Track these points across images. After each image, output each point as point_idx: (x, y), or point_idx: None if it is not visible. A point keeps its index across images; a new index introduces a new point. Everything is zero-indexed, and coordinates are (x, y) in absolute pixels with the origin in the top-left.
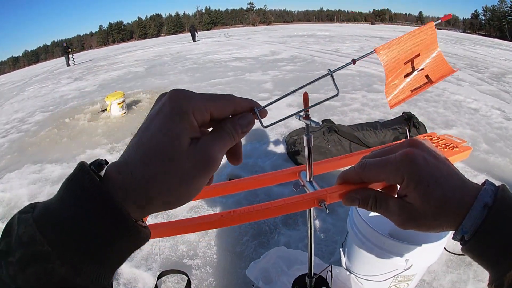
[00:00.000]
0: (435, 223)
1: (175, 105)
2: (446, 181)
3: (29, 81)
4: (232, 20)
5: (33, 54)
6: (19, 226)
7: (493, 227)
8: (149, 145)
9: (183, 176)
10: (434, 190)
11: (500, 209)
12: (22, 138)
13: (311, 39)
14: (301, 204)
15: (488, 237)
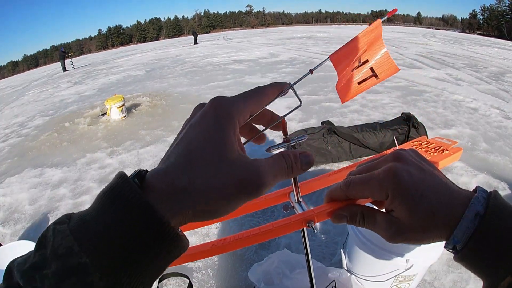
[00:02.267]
0: (424, 235)
1: (220, 112)
2: (433, 193)
3: (29, 85)
4: (231, 23)
5: (33, 58)
6: (55, 237)
7: (486, 236)
8: (194, 154)
9: (227, 190)
10: (420, 203)
11: (492, 217)
12: (22, 143)
13: (309, 41)
14: (289, 226)
15: (480, 246)
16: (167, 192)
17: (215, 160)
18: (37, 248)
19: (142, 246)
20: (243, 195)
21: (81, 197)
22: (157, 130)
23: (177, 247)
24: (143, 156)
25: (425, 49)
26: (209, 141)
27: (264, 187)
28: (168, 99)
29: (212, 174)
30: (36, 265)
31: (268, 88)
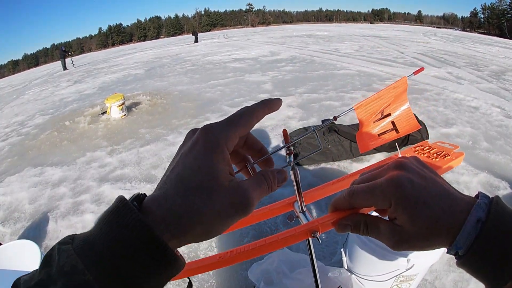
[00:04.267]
0: (427, 243)
1: (209, 141)
2: (435, 201)
3: (29, 84)
4: (231, 21)
5: (33, 57)
6: (60, 256)
7: (488, 242)
8: (189, 181)
9: (220, 213)
10: (423, 211)
11: (494, 223)
12: (23, 142)
13: (310, 39)
14: (295, 237)
15: (483, 252)
16: (166, 217)
17: (208, 187)
18: (42, 266)
19: (141, 265)
20: (235, 215)
21: (81, 196)
22: (157, 129)
23: (174, 267)
24: (143, 155)
25: (425, 48)
26: (200, 169)
27: (251, 207)
28: (168, 98)
29: (207, 199)
30: (42, 282)
31: (256, 108)
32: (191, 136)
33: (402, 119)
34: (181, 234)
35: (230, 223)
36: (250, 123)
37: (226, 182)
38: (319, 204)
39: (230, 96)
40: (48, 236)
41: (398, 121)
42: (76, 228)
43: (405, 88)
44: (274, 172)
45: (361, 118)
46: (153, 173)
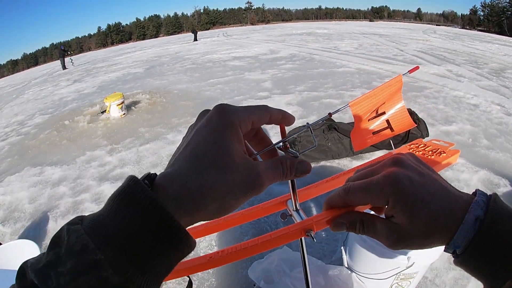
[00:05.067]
0: (426, 241)
1: (224, 118)
2: (433, 198)
3: (28, 84)
4: (231, 19)
5: (32, 57)
6: (70, 236)
7: (486, 240)
8: (203, 156)
9: (234, 189)
10: (421, 209)
11: (492, 221)
12: (22, 141)
13: (309, 37)
14: (288, 236)
15: (481, 251)
16: (179, 193)
17: (223, 163)
18: (51, 248)
19: (153, 243)
20: (247, 194)
21: (81, 195)
22: (157, 128)
23: (185, 245)
24: (142, 154)
25: (425, 45)
26: (216, 145)
27: (263, 188)
28: (168, 96)
29: (221, 176)
30: (51, 263)
31: (274, 110)
32: (204, 115)
33: (397, 117)
34: (194, 211)
35: (242, 200)
36: (265, 116)
37: (240, 159)
38: (315, 201)
39: (230, 95)
40: (48, 235)
41: (392, 120)
42: None
43: (400, 86)
44: (294, 161)
45: (356, 115)
46: (152, 171)
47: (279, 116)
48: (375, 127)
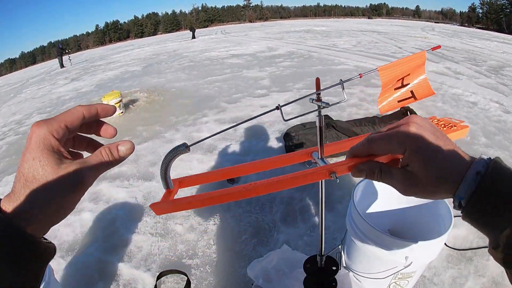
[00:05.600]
0: (434, 189)
1: (35, 134)
2: (444, 152)
3: (26, 82)
4: (229, 17)
5: (30, 55)
6: None
7: (486, 192)
8: (26, 174)
9: (54, 196)
10: (433, 159)
11: (492, 175)
12: (20, 141)
13: (308, 35)
14: (314, 175)
15: (482, 202)
16: (17, 208)
17: (41, 175)
18: None
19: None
20: (69, 196)
21: None
22: (155, 126)
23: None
24: (140, 152)
25: (424, 43)
26: (34, 160)
27: (82, 184)
28: (166, 95)
29: (42, 187)
30: None
31: (87, 106)
32: None
33: (420, 87)
34: (35, 220)
35: (68, 204)
36: (77, 115)
37: (55, 166)
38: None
39: (228, 92)
40: (46, 235)
41: (416, 89)
42: (74, 226)
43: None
44: (113, 145)
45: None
46: (151, 170)
47: (95, 110)
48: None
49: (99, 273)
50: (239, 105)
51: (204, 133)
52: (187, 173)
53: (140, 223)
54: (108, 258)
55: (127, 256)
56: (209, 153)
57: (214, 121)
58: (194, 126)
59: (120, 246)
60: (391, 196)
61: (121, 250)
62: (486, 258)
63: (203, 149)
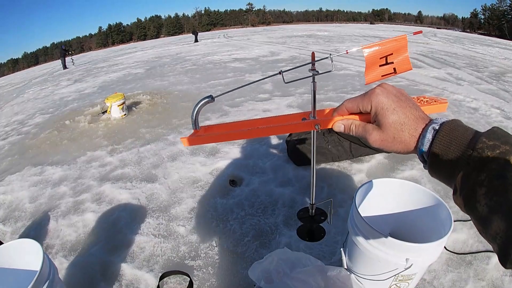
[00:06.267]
0: (395, 141)
1: None
2: (403, 110)
3: (29, 83)
4: (231, 21)
5: (33, 56)
6: None
7: (441, 144)
8: None
9: None
10: (392, 115)
11: (446, 129)
12: (23, 141)
13: (310, 40)
14: (302, 126)
15: (439, 152)
16: None
17: None
18: None
19: None
20: None
21: (81, 195)
22: (158, 128)
23: None
24: (143, 155)
25: (425, 48)
26: None
27: None
28: (169, 97)
29: None
30: None
31: None
32: None
33: (400, 63)
34: None
35: None
36: None
37: None
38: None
39: (231, 96)
40: (49, 235)
41: (397, 66)
42: (77, 227)
43: (405, 43)
44: None
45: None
46: (153, 172)
47: None
48: (383, 72)
49: (101, 273)
50: (242, 109)
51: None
52: (190, 175)
53: (143, 224)
54: (111, 258)
55: (129, 256)
56: (212, 156)
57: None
58: None
59: (123, 246)
60: (392, 199)
61: (123, 251)
62: (485, 262)
63: (205, 152)
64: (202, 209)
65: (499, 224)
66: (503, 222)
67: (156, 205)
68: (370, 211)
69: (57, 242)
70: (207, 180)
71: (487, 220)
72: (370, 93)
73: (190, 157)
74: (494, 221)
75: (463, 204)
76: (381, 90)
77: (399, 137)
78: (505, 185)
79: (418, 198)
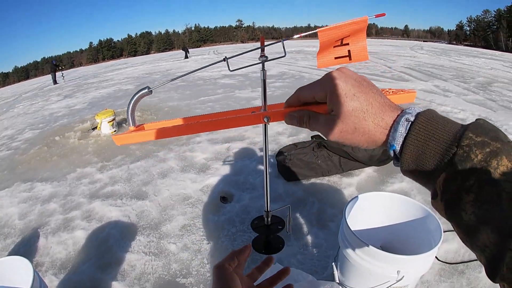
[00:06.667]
0: (355, 132)
1: None
2: (365, 96)
3: (19, 97)
4: (221, 37)
5: (23, 70)
6: None
7: (418, 140)
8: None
9: None
10: (351, 101)
11: (422, 122)
12: (12, 156)
13: (299, 55)
14: (251, 119)
15: (415, 151)
16: None
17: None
18: None
19: None
20: None
21: (71, 212)
22: (148, 145)
23: None
24: (133, 171)
25: (413, 62)
26: None
27: None
28: (159, 114)
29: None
30: None
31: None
32: None
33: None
34: None
35: None
36: None
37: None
38: (311, 222)
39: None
40: (39, 252)
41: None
42: (67, 244)
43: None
44: None
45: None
46: (143, 189)
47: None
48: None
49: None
50: None
51: (198, 153)
52: (180, 192)
53: (133, 242)
54: (101, 276)
55: (120, 274)
56: (202, 173)
57: (207, 141)
58: (187, 146)
59: (113, 264)
60: (382, 213)
61: (114, 269)
62: (478, 270)
63: (196, 168)
64: (193, 226)
65: (489, 236)
66: (495, 234)
67: (147, 222)
68: (361, 225)
69: (47, 260)
70: (198, 197)
71: (474, 231)
72: (326, 78)
73: (181, 174)
74: (483, 232)
75: (444, 210)
76: (338, 73)
77: (361, 128)
78: (499, 192)
79: (408, 210)
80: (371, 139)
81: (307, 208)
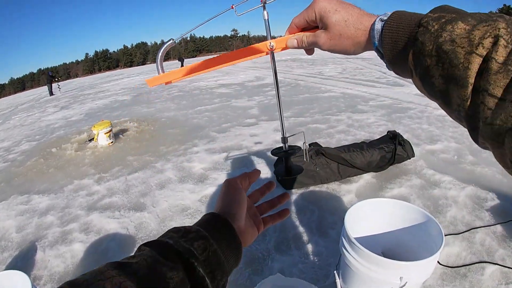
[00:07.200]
0: (342, 39)
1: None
2: (346, 9)
3: (15, 109)
4: (217, 47)
5: (19, 82)
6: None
7: (390, 32)
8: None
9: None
10: (334, 15)
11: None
12: (9, 168)
13: (294, 63)
14: (258, 49)
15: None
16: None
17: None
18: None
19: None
20: None
21: (69, 224)
22: (145, 156)
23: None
24: (131, 183)
25: None
26: None
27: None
28: (156, 124)
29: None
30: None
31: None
32: None
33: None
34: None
35: None
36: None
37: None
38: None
39: (217, 122)
40: (37, 266)
41: None
42: (65, 257)
43: None
44: None
45: None
46: (141, 201)
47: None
48: None
49: None
50: (229, 134)
51: (195, 163)
52: (179, 203)
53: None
54: None
55: None
56: (200, 183)
57: (205, 150)
58: (184, 156)
59: None
60: (382, 219)
61: None
62: (480, 273)
63: (194, 179)
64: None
65: (459, 94)
66: (461, 88)
67: (146, 234)
68: (362, 231)
69: (45, 273)
70: (197, 208)
71: (446, 94)
72: (312, 2)
73: (179, 185)
74: (453, 92)
75: (421, 85)
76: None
77: (345, 33)
78: (454, 49)
79: (408, 216)
80: (355, 41)
81: (307, 216)
